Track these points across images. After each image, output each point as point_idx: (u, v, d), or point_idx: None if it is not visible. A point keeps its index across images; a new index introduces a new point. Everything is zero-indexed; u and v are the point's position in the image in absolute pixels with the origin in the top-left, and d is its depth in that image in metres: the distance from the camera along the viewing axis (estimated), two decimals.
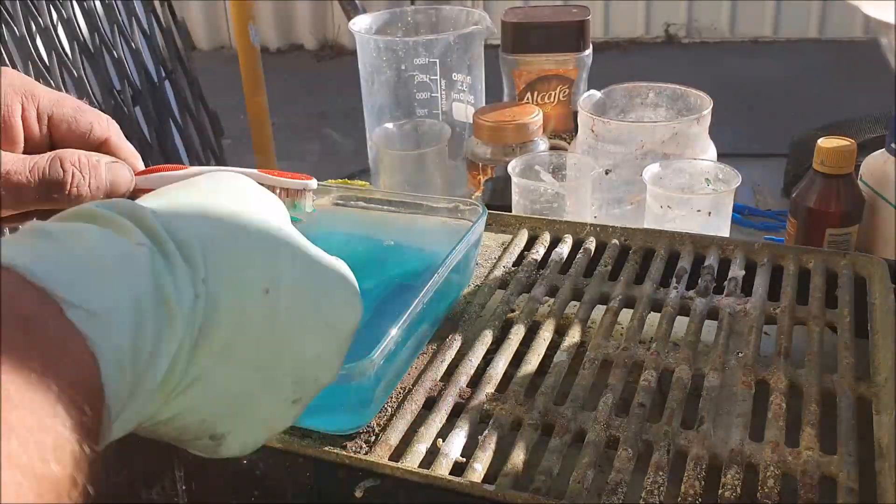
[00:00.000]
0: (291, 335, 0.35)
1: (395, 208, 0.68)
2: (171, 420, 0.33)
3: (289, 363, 0.36)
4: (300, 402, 0.38)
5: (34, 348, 0.25)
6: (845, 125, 1.05)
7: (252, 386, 0.35)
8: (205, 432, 0.35)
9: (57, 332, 0.26)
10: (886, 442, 0.48)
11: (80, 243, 0.30)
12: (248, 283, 0.34)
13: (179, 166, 0.50)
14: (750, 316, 0.60)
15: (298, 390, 0.37)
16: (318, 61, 3.96)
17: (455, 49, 1.02)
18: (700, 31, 3.82)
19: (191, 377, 0.32)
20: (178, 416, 0.33)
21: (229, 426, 0.35)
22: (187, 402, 0.33)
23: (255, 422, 0.36)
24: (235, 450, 0.37)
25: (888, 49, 1.14)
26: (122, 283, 0.29)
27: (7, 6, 1.12)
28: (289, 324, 0.35)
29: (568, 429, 0.50)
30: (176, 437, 0.35)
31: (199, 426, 0.34)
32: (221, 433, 0.35)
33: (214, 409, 0.34)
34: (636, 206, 0.87)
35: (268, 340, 0.34)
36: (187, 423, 0.34)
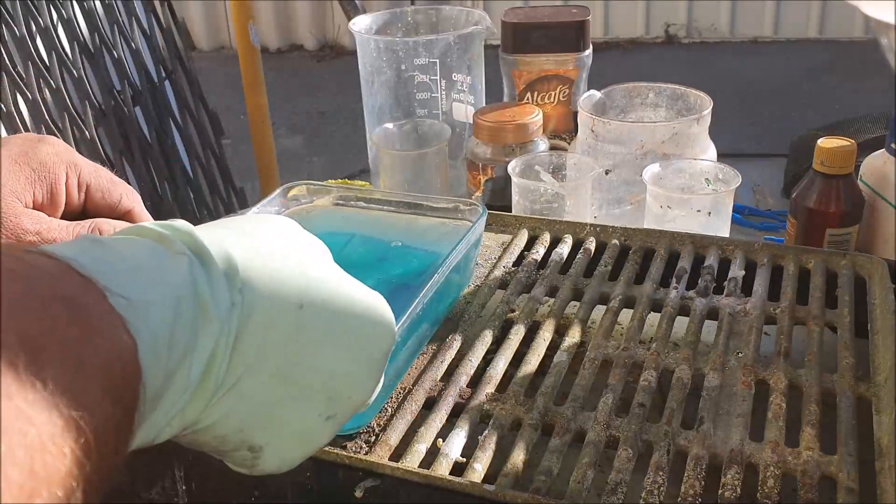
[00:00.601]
0: (322, 351, 0.37)
1: (395, 208, 0.68)
2: (210, 427, 0.34)
3: (320, 378, 0.37)
4: (334, 420, 0.39)
5: (76, 325, 0.27)
6: (845, 125, 1.06)
7: (283, 397, 0.36)
8: (243, 443, 0.36)
9: (98, 312, 0.28)
10: (886, 442, 0.48)
11: (124, 246, 0.32)
12: (282, 297, 0.35)
13: None
14: (750, 316, 0.60)
15: (332, 407, 0.38)
16: (318, 61, 3.96)
17: (455, 49, 1.02)
18: (700, 32, 3.82)
19: (227, 385, 0.34)
20: (217, 424, 0.34)
21: (265, 438, 0.36)
22: (224, 409, 0.34)
23: (289, 435, 0.37)
24: (273, 465, 0.38)
25: (888, 49, 1.13)
26: (161, 280, 0.31)
27: (7, 6, 1.12)
28: (319, 339, 0.37)
29: (568, 429, 0.50)
30: (216, 448, 0.36)
31: (237, 436, 0.36)
32: (259, 445, 0.36)
33: (249, 418, 0.35)
34: (636, 207, 0.87)
35: (299, 354, 0.36)
36: (226, 433, 0.35)
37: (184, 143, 1.39)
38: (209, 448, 0.36)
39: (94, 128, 1.19)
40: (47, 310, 0.26)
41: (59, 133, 1.15)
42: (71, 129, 1.16)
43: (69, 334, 0.26)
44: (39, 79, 1.14)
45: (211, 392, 0.33)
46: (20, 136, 0.50)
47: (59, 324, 0.26)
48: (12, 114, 1.09)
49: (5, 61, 1.10)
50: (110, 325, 0.28)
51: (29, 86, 1.13)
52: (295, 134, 3.14)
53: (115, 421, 0.27)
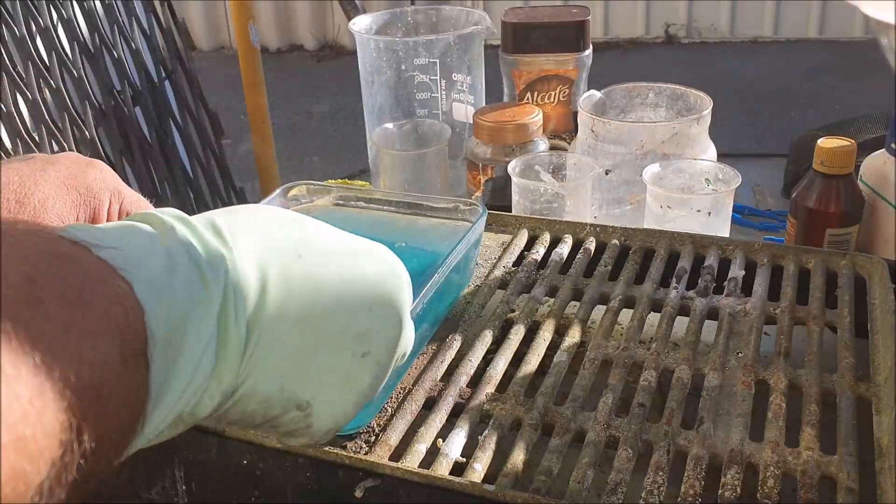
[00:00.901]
0: (334, 291, 0.37)
1: (395, 208, 0.68)
2: (252, 390, 0.35)
3: (342, 317, 0.38)
4: (371, 357, 0.39)
5: (72, 270, 0.28)
6: (845, 125, 1.06)
7: (312, 344, 0.36)
8: (289, 403, 0.36)
9: (90, 264, 0.29)
10: (886, 442, 0.48)
11: (111, 225, 0.34)
12: (282, 250, 0.36)
13: None
14: (750, 316, 0.60)
15: (364, 343, 0.39)
16: (318, 61, 3.96)
17: (455, 49, 1.02)
18: (700, 32, 3.82)
19: (254, 339, 0.34)
20: (258, 385, 0.35)
21: (310, 390, 0.37)
22: (258, 367, 0.34)
23: (332, 383, 0.38)
24: (328, 421, 0.38)
25: (888, 49, 1.13)
26: (149, 239, 0.32)
27: (7, 6, 1.12)
28: (328, 281, 0.37)
29: (568, 429, 0.50)
30: (265, 416, 0.36)
31: (281, 396, 0.36)
32: (306, 400, 0.37)
33: (285, 371, 0.36)
34: (636, 207, 0.87)
35: (313, 297, 0.36)
36: (269, 394, 0.35)
37: (184, 143, 1.39)
38: (259, 418, 0.36)
39: (94, 128, 1.19)
40: (46, 258, 0.27)
41: (59, 133, 1.15)
42: (71, 130, 1.16)
43: (67, 276, 0.27)
44: (39, 79, 1.14)
45: (237, 350, 0.33)
46: (70, 158, 0.51)
47: (57, 268, 0.27)
48: (12, 114, 1.09)
49: (5, 61, 1.10)
50: (104, 271, 0.29)
51: (29, 86, 1.13)
52: (295, 134, 3.14)
53: (122, 356, 0.28)
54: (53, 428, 0.24)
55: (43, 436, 0.24)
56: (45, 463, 0.24)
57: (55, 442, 0.24)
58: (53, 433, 0.24)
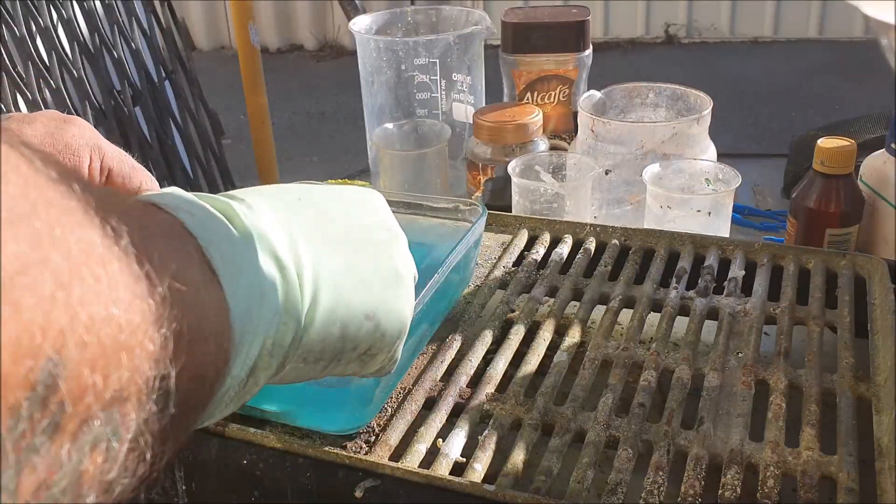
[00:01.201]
0: (344, 216, 0.41)
1: (395, 208, 0.68)
2: (322, 313, 0.36)
3: (362, 233, 0.41)
4: (396, 260, 0.42)
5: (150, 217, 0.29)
6: (845, 125, 1.06)
7: (351, 255, 0.39)
8: (357, 316, 0.38)
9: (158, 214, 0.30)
10: (886, 442, 0.48)
11: None
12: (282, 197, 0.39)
13: None
14: (750, 316, 0.60)
15: (386, 248, 0.42)
16: (318, 61, 3.96)
17: (455, 49, 1.02)
18: (700, 32, 3.82)
19: (306, 264, 0.36)
20: (324, 309, 0.36)
21: (369, 299, 0.39)
22: (318, 288, 0.36)
23: (382, 285, 0.40)
24: (395, 327, 0.40)
25: (888, 49, 1.14)
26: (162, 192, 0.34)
27: (7, 6, 1.12)
28: (335, 211, 0.40)
29: (568, 429, 0.50)
30: (342, 335, 0.38)
31: (347, 311, 0.38)
32: (371, 310, 0.39)
33: (343, 286, 0.38)
34: (636, 207, 0.87)
35: (331, 224, 0.39)
36: (336, 313, 0.37)
37: (184, 143, 1.39)
38: (338, 340, 0.38)
39: (94, 128, 1.19)
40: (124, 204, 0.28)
41: None
42: None
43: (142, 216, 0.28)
44: (39, 79, 1.14)
45: (292, 275, 0.35)
46: (46, 115, 0.51)
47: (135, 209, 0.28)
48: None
49: (5, 61, 1.10)
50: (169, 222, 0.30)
51: (29, 86, 1.13)
52: (295, 134, 3.14)
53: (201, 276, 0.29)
54: (165, 302, 0.24)
55: (158, 301, 0.24)
56: (163, 320, 0.24)
57: (170, 313, 0.25)
58: (165, 307, 0.24)
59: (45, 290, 0.20)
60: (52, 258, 0.20)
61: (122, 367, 0.22)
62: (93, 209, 0.23)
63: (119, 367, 0.22)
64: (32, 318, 0.19)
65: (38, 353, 0.19)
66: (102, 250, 0.22)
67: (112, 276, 0.22)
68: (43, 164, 0.22)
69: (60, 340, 0.20)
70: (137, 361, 0.23)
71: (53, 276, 0.20)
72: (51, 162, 0.23)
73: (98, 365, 0.21)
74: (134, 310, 0.23)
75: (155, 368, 0.24)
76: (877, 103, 2.81)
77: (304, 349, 0.36)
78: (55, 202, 0.22)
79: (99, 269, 0.22)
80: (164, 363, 0.24)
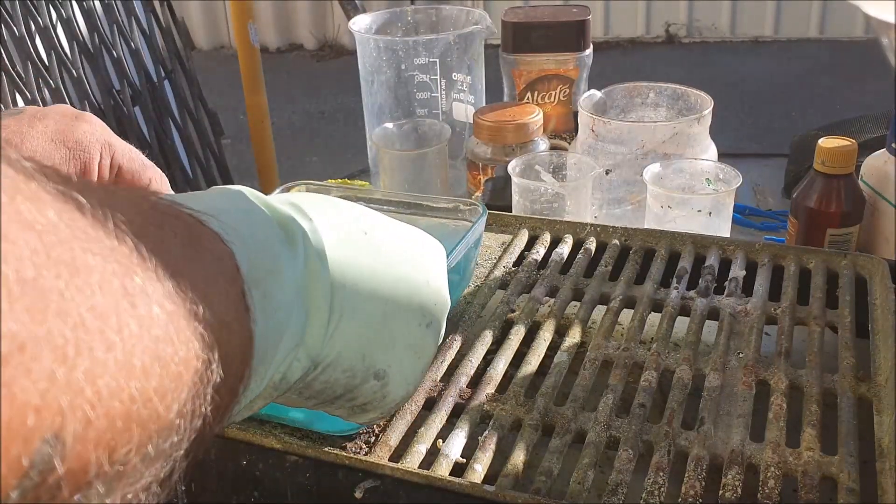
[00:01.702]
0: (399, 265, 0.40)
1: (395, 208, 0.68)
2: (336, 361, 0.36)
3: (406, 289, 0.40)
4: (433, 327, 0.41)
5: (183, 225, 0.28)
6: (846, 125, 1.05)
7: (388, 312, 0.38)
8: (369, 371, 0.38)
9: (192, 221, 0.29)
10: (887, 442, 0.48)
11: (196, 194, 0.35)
12: (350, 226, 0.38)
13: None
14: (750, 316, 0.60)
15: (427, 314, 0.41)
16: (318, 61, 3.96)
17: (455, 49, 1.02)
18: (700, 31, 3.82)
19: (338, 312, 0.35)
20: (341, 356, 0.36)
21: (387, 359, 0.39)
22: (343, 336, 0.36)
23: (405, 350, 0.40)
24: (400, 389, 0.40)
25: (888, 49, 1.14)
26: (230, 200, 0.33)
27: (7, 6, 1.12)
28: (393, 256, 0.40)
29: (568, 429, 0.50)
30: (346, 386, 0.38)
31: (363, 364, 0.38)
32: (383, 370, 0.39)
33: (368, 339, 0.37)
34: (636, 206, 0.87)
35: (383, 271, 0.38)
36: (352, 362, 0.37)
37: (183, 142, 1.39)
38: (340, 389, 0.38)
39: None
40: (157, 211, 0.27)
41: None
42: None
43: (177, 227, 0.27)
44: (39, 78, 1.14)
45: (322, 315, 0.34)
46: (58, 110, 0.50)
47: (167, 220, 0.27)
48: None
49: (5, 61, 1.10)
50: (203, 228, 0.29)
51: (28, 85, 1.12)
52: (295, 134, 3.13)
53: (232, 299, 0.28)
54: (189, 352, 0.23)
55: (181, 360, 0.23)
56: (184, 384, 0.23)
57: (192, 366, 0.24)
58: (190, 357, 0.23)
59: (44, 368, 0.18)
60: (54, 331, 0.19)
61: (131, 441, 0.21)
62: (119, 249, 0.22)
63: (129, 442, 0.21)
64: (27, 400, 0.18)
65: (31, 437, 0.18)
66: (121, 309, 0.21)
67: (129, 340, 0.21)
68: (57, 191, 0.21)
69: (59, 421, 0.19)
70: (150, 432, 0.22)
71: (54, 352, 0.19)
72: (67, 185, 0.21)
73: (103, 441, 0.20)
74: (152, 376, 0.22)
75: (169, 436, 0.23)
76: (877, 103, 2.81)
77: (305, 386, 0.36)
78: (69, 254, 0.20)
79: (114, 335, 0.20)
80: (181, 429, 0.23)
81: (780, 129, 2.85)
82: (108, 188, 0.27)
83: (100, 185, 0.26)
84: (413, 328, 0.40)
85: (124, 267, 0.22)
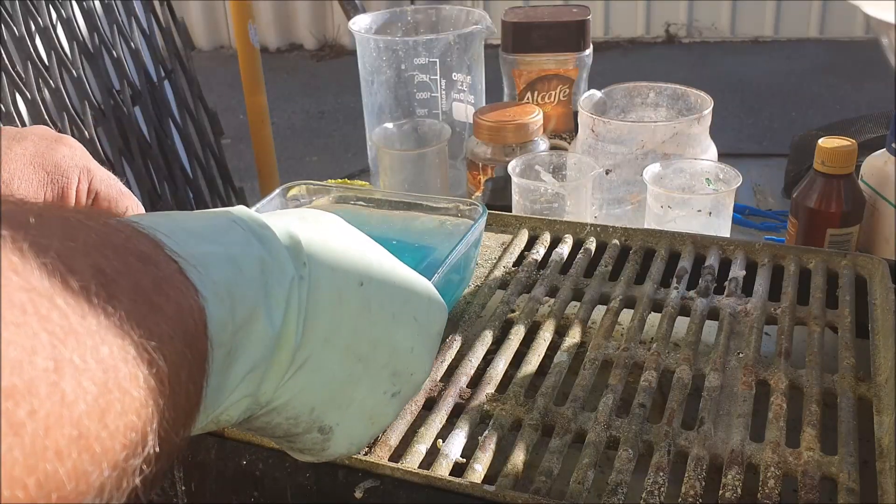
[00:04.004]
0: (386, 326, 0.38)
1: (394, 208, 0.68)
2: (284, 406, 0.35)
3: (385, 354, 0.38)
4: (398, 397, 0.40)
5: (148, 271, 0.27)
6: (846, 125, 1.05)
7: (354, 373, 0.37)
8: (314, 424, 0.37)
9: (165, 267, 0.28)
10: (887, 442, 0.48)
11: (181, 214, 0.33)
12: (344, 274, 0.36)
13: None
14: (750, 316, 0.60)
15: (397, 383, 0.39)
16: (318, 61, 3.96)
17: (455, 49, 1.02)
18: (700, 31, 3.82)
19: (300, 360, 0.34)
20: (291, 403, 0.35)
21: (337, 418, 0.37)
22: (298, 386, 0.35)
23: (359, 414, 0.38)
24: (342, 447, 0.39)
25: (888, 49, 1.14)
26: (217, 240, 0.32)
27: (7, 6, 1.12)
28: (382, 315, 0.38)
29: (568, 429, 0.50)
30: (287, 432, 0.37)
31: (309, 417, 0.36)
32: (329, 426, 0.37)
33: (322, 396, 0.36)
34: (636, 206, 0.87)
35: (365, 330, 0.37)
36: (299, 413, 0.36)
37: (183, 142, 1.39)
38: (280, 432, 0.37)
39: (94, 128, 1.19)
40: (121, 256, 0.26)
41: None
42: (70, 129, 1.16)
43: (141, 277, 0.26)
44: (39, 79, 1.14)
45: (285, 366, 0.33)
46: (37, 133, 0.50)
47: (132, 268, 0.26)
48: (11, 114, 1.09)
49: (4, 61, 1.10)
50: (176, 276, 0.28)
51: (28, 85, 1.12)
52: (295, 134, 3.13)
53: (187, 362, 0.27)
54: (118, 429, 0.23)
55: (108, 436, 0.22)
56: (107, 464, 0.22)
57: (119, 443, 0.23)
58: (118, 434, 0.23)
59: None
60: None
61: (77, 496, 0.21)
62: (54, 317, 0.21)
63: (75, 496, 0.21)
64: None
65: None
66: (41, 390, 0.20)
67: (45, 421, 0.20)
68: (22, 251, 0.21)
69: None
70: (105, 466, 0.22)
71: None
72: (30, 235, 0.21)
73: None
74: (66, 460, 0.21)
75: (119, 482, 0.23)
76: (877, 103, 2.81)
77: (245, 420, 0.35)
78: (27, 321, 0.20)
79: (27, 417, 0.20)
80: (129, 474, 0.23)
81: (780, 129, 2.86)
82: (74, 223, 0.25)
83: (61, 222, 0.25)
84: (377, 396, 0.38)
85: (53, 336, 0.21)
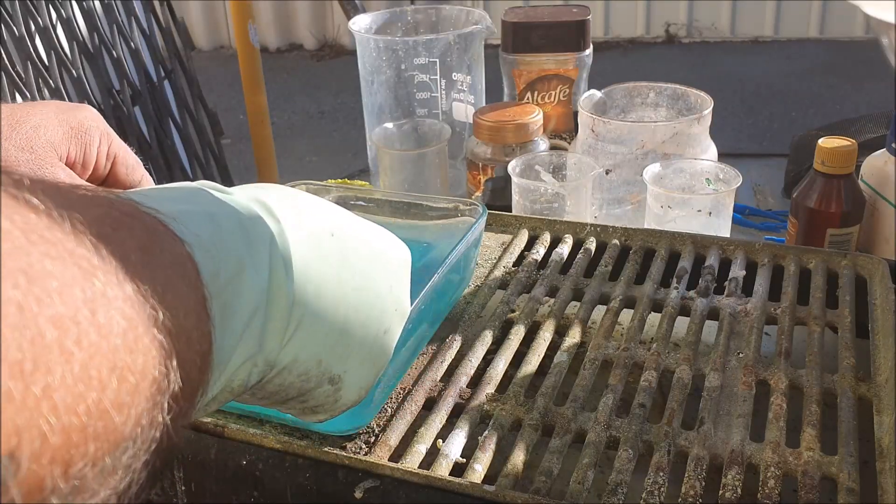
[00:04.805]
0: (363, 270, 0.39)
1: (394, 208, 0.68)
2: (292, 365, 0.36)
3: (370, 294, 0.39)
4: (390, 333, 0.41)
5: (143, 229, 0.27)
6: (845, 125, 1.06)
7: (347, 319, 0.38)
8: (324, 376, 0.38)
9: (154, 223, 0.28)
10: (887, 442, 0.48)
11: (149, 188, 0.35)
12: (317, 227, 0.37)
13: None
14: (750, 316, 0.60)
15: (385, 320, 0.40)
16: (318, 61, 3.96)
17: (455, 49, 1.02)
18: (700, 31, 3.82)
19: (297, 317, 0.35)
20: (299, 359, 0.36)
21: (342, 365, 0.38)
22: (302, 342, 0.35)
23: (361, 357, 0.39)
24: (353, 393, 0.40)
25: (888, 49, 1.14)
26: (191, 200, 0.32)
27: (7, 6, 1.12)
28: (358, 260, 0.39)
29: (568, 429, 0.50)
30: (300, 389, 0.37)
31: (318, 369, 0.37)
32: (338, 375, 0.38)
33: (325, 345, 0.37)
34: (636, 206, 0.87)
35: (348, 277, 0.38)
36: (308, 367, 0.37)
37: (183, 142, 1.39)
38: (294, 391, 0.37)
39: None
40: (113, 213, 0.26)
41: None
42: None
43: (134, 229, 0.26)
44: (38, 79, 1.14)
45: (284, 324, 0.34)
46: (55, 102, 0.51)
47: (124, 223, 0.26)
48: None
49: (4, 61, 1.10)
50: (166, 230, 0.29)
51: (28, 86, 1.12)
52: (295, 133, 3.13)
53: (193, 307, 0.27)
54: (147, 362, 0.23)
55: (139, 369, 0.22)
56: (141, 396, 0.23)
57: (150, 376, 0.23)
58: (148, 367, 0.23)
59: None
60: (11, 346, 0.18)
61: (87, 456, 0.20)
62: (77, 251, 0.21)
63: (84, 456, 0.20)
64: None
65: None
66: (81, 318, 0.20)
67: (87, 350, 0.20)
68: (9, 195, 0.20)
69: (15, 441, 0.18)
70: (107, 445, 0.21)
71: (11, 369, 0.18)
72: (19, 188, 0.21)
73: (59, 457, 0.20)
74: (109, 388, 0.21)
75: (126, 448, 0.22)
76: (877, 103, 2.81)
77: (259, 387, 0.36)
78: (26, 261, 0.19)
79: (72, 346, 0.20)
80: (138, 440, 0.23)
81: (780, 129, 2.86)
82: (63, 187, 0.25)
83: (53, 184, 0.25)
84: (371, 336, 0.40)
85: (84, 271, 0.21)
